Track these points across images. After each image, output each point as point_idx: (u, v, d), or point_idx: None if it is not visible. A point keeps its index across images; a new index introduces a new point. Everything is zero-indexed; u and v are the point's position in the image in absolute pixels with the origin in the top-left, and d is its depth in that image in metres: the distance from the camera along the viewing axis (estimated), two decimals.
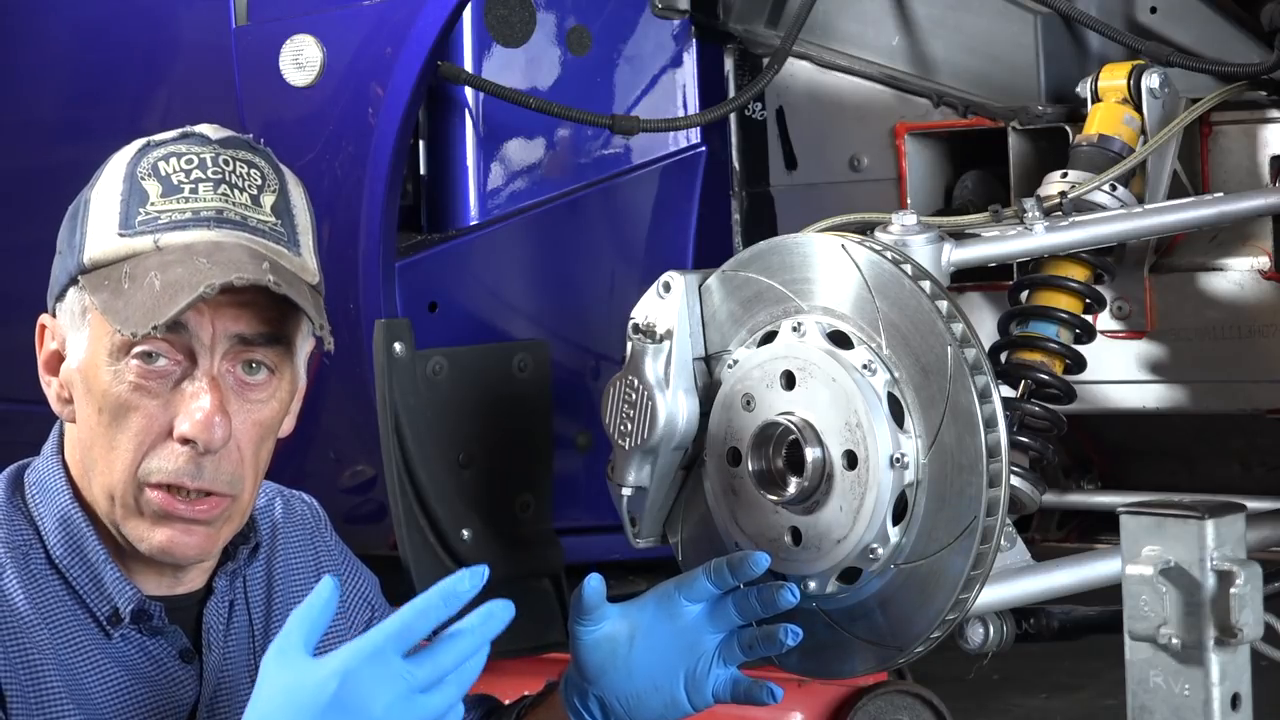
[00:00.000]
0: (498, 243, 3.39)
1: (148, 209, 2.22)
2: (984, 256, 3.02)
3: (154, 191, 2.22)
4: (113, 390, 2.20)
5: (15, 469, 2.34)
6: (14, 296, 3.74)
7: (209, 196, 2.22)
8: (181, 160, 2.24)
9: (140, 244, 2.21)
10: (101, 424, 2.21)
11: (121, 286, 2.19)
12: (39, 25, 3.76)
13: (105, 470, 2.22)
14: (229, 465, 2.23)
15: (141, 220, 2.21)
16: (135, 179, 2.23)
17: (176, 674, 2.29)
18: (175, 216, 2.21)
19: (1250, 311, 3.18)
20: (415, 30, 3.19)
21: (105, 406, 2.21)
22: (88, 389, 2.23)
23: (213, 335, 2.20)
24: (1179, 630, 2.26)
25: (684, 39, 3.56)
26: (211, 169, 2.24)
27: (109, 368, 2.20)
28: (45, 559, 2.26)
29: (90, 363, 2.22)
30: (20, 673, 2.18)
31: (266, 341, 2.23)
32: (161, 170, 2.23)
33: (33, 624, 2.21)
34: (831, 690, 3.72)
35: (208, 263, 2.17)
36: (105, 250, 2.23)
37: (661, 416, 2.90)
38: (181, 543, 2.23)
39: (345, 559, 2.53)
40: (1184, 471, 3.58)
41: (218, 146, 2.26)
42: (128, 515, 2.22)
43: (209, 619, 2.32)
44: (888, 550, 2.75)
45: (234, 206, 2.23)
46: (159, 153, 2.25)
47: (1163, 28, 3.26)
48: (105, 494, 2.23)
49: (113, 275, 2.20)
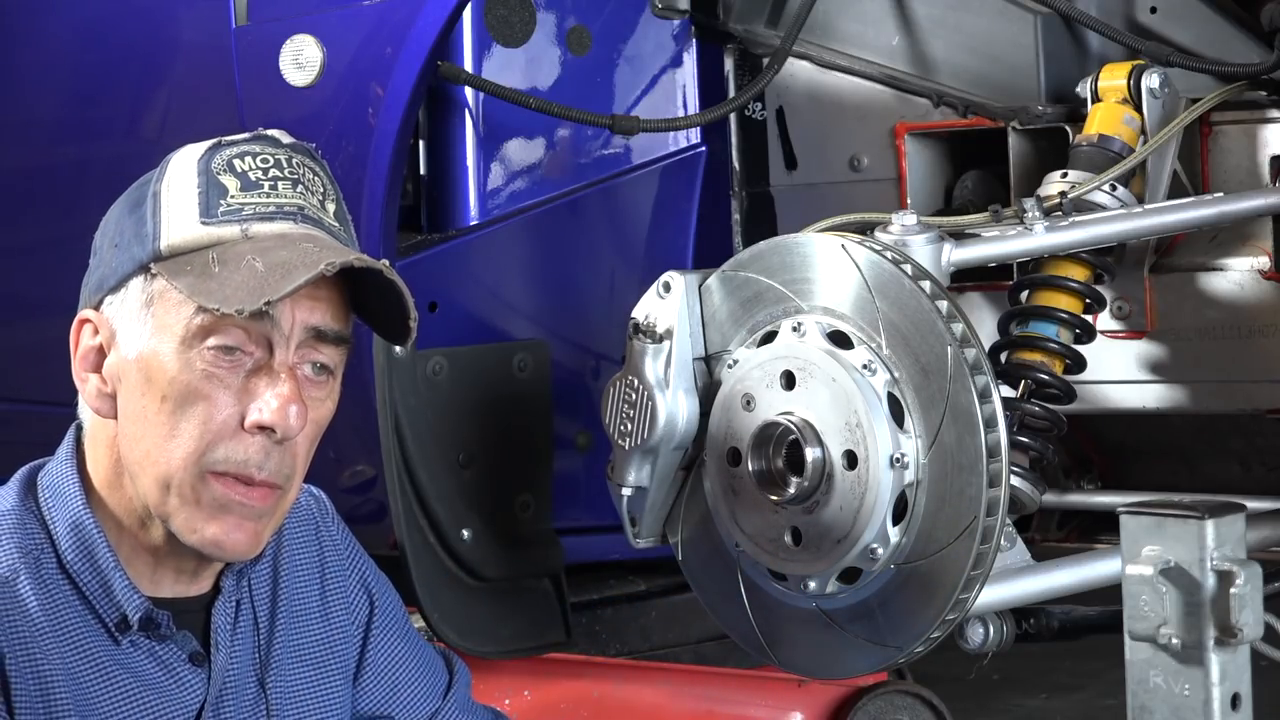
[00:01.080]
0: (498, 243, 3.39)
1: (229, 201, 2.23)
2: (984, 256, 3.02)
3: (233, 186, 2.23)
4: (182, 377, 2.20)
5: (28, 471, 2.33)
6: (14, 296, 3.74)
7: (289, 193, 2.25)
8: (257, 159, 2.25)
9: (227, 232, 2.22)
10: (163, 412, 2.21)
11: (211, 270, 2.19)
12: (39, 25, 3.76)
13: (161, 459, 2.21)
14: (289, 459, 2.24)
15: (225, 211, 2.23)
16: (211, 174, 2.24)
17: (185, 677, 2.29)
18: (260, 209, 2.23)
19: (1250, 311, 3.18)
20: (415, 30, 3.19)
21: (171, 394, 2.20)
22: (147, 378, 2.22)
23: (292, 325, 2.22)
24: (1179, 630, 2.26)
25: (684, 39, 3.56)
26: (288, 169, 2.26)
27: (180, 355, 2.20)
28: (57, 564, 2.25)
29: (155, 350, 2.21)
30: (30, 683, 2.18)
31: (336, 339, 2.25)
32: (238, 167, 2.24)
33: (44, 632, 2.21)
34: (831, 690, 3.72)
35: (313, 246, 2.19)
36: (187, 237, 2.22)
37: (661, 416, 2.90)
38: (234, 538, 2.23)
39: (350, 551, 2.53)
40: (1184, 471, 3.59)
41: (290, 150, 2.28)
42: (183, 505, 2.22)
43: (217, 620, 2.32)
44: (888, 550, 2.75)
45: (311, 206, 2.25)
46: (233, 150, 2.26)
47: (1163, 28, 3.26)
48: (159, 484, 2.22)
49: (196, 261, 2.20)
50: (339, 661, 2.44)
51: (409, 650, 2.53)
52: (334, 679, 2.43)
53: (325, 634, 2.44)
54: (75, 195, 3.55)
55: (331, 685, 2.42)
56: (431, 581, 3.26)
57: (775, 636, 2.93)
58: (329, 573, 2.46)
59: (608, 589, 3.73)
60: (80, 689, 2.21)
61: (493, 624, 3.35)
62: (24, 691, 2.18)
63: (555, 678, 3.56)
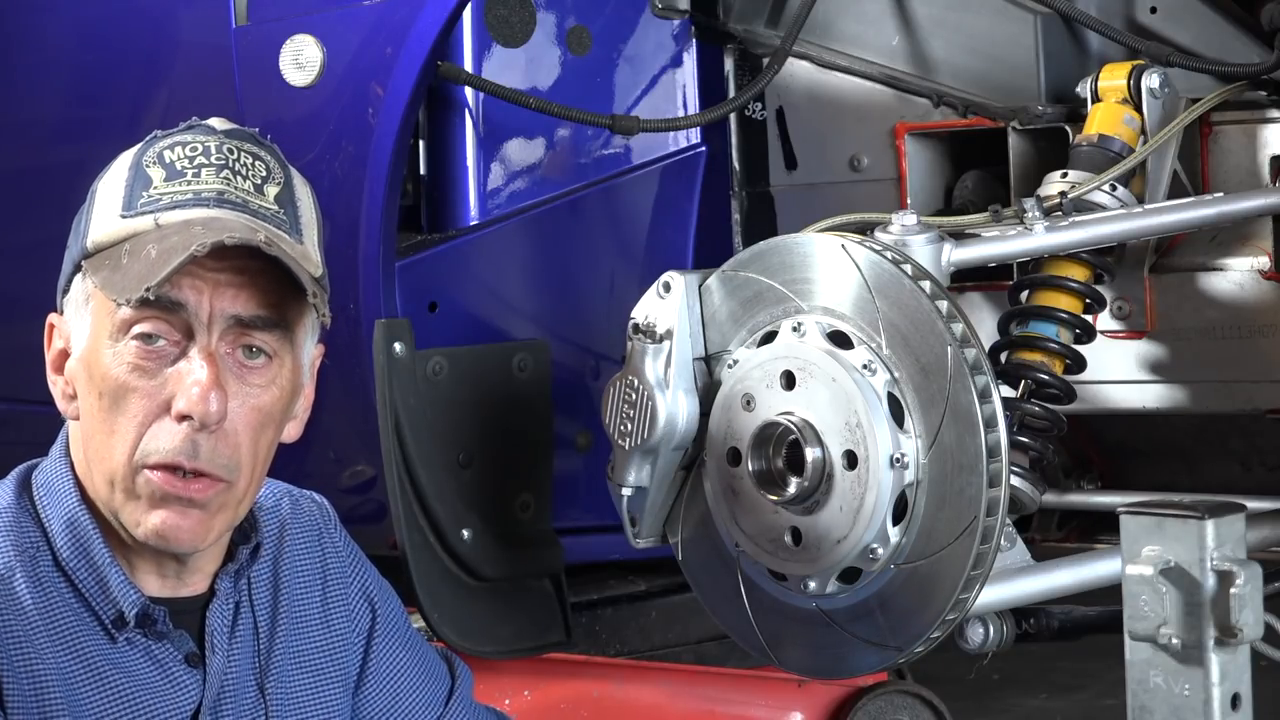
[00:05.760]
0: (498, 243, 3.39)
1: (150, 192, 2.24)
2: (984, 256, 3.02)
3: (157, 177, 2.25)
4: (112, 372, 2.21)
5: (23, 470, 2.34)
6: (14, 296, 3.74)
7: (211, 179, 2.24)
8: (186, 148, 2.26)
9: (140, 224, 2.23)
10: (101, 409, 2.22)
11: (121, 263, 2.21)
12: (39, 25, 3.76)
13: (105, 456, 2.22)
14: (226, 449, 2.23)
15: (144, 203, 2.24)
16: (140, 167, 2.26)
17: (181, 678, 2.29)
18: (176, 197, 2.23)
19: (1250, 311, 3.18)
20: (415, 30, 3.19)
21: (105, 390, 2.21)
22: (89, 376, 2.23)
23: (210, 313, 2.21)
24: (1179, 630, 2.26)
25: (684, 39, 3.56)
26: (215, 156, 2.26)
27: (109, 350, 2.21)
28: (53, 562, 2.26)
29: (91, 349, 2.23)
30: (24, 683, 2.18)
31: (265, 325, 2.24)
32: (166, 158, 2.26)
33: (38, 631, 2.21)
34: (831, 690, 3.72)
35: (203, 229, 2.19)
36: (107, 232, 2.24)
37: (661, 416, 2.90)
38: (175, 525, 2.22)
39: (352, 557, 2.53)
40: (1184, 471, 3.58)
41: (223, 136, 2.28)
42: (126, 500, 2.23)
43: (212, 622, 2.32)
44: (888, 550, 2.75)
45: (235, 190, 2.25)
46: (165, 142, 2.28)
47: (1163, 28, 3.26)
48: (106, 481, 2.23)
49: (113, 255, 2.22)
50: (339, 669, 2.44)
51: (411, 659, 2.53)
52: (334, 686, 2.43)
53: (326, 641, 2.43)
54: (75, 195, 3.54)
55: (331, 692, 2.42)
56: (431, 581, 3.26)
57: (775, 636, 2.93)
58: (331, 580, 2.46)
59: (608, 589, 3.73)
60: (74, 689, 2.21)
61: (493, 624, 3.35)
62: (17, 691, 2.18)
63: (555, 678, 3.56)
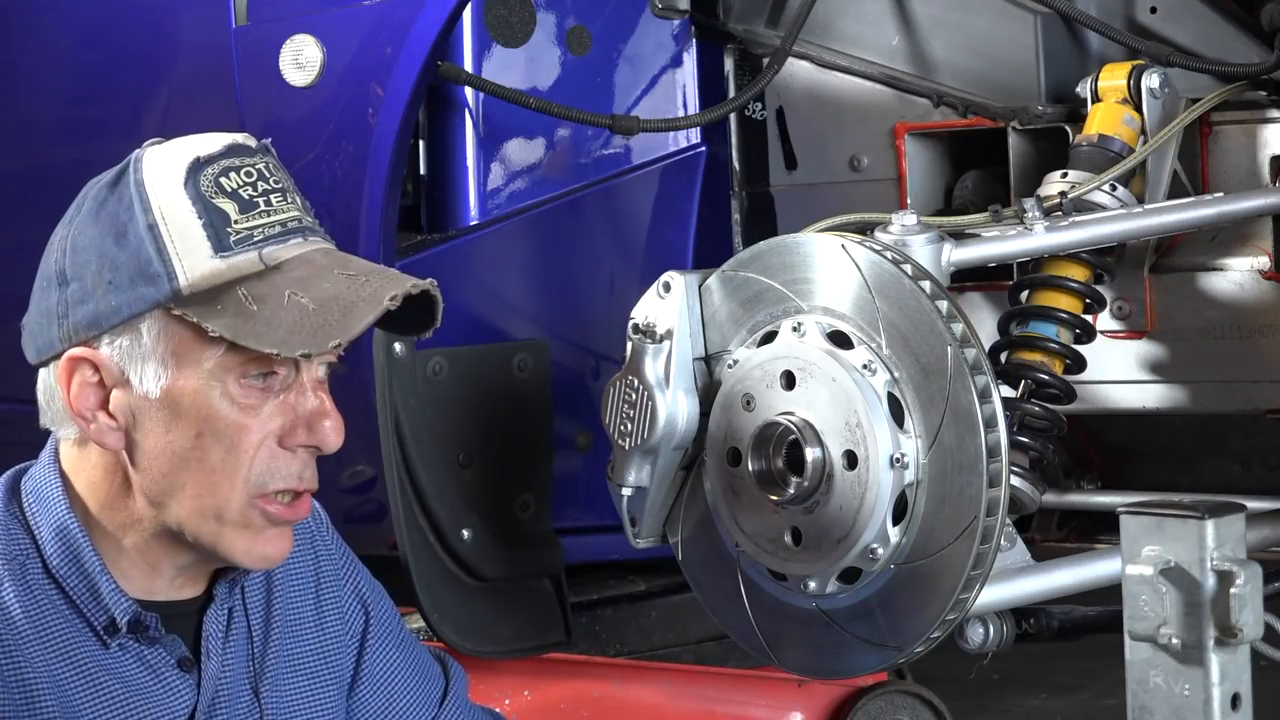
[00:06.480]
0: (498, 243, 3.39)
1: (235, 228, 2.22)
2: (984, 256, 3.02)
3: (231, 209, 2.22)
4: (220, 411, 2.21)
5: (11, 476, 2.32)
6: (14, 296, 3.74)
7: (283, 206, 2.25)
8: (240, 174, 2.24)
9: (243, 261, 2.21)
10: (200, 447, 2.21)
11: (247, 308, 2.19)
12: (39, 25, 3.76)
13: (205, 493, 2.22)
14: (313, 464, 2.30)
15: (236, 239, 2.21)
16: (206, 200, 2.22)
17: (174, 683, 2.28)
18: (267, 231, 2.23)
19: (1250, 311, 3.18)
20: (415, 30, 3.19)
21: (208, 429, 2.21)
22: (175, 414, 2.21)
23: None
24: (1179, 630, 2.26)
25: (684, 39, 3.56)
26: (272, 180, 2.26)
27: (213, 388, 2.21)
28: (42, 569, 2.25)
29: (183, 388, 2.21)
30: (15, 692, 2.18)
31: None
32: (226, 187, 2.23)
33: (29, 639, 2.20)
34: (831, 690, 3.72)
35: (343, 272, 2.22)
36: (205, 273, 2.20)
37: (661, 416, 2.90)
38: (285, 549, 2.29)
39: (345, 560, 2.53)
40: (1184, 471, 3.58)
41: (261, 154, 2.27)
42: (236, 531, 2.24)
43: (208, 627, 2.32)
44: (888, 550, 2.75)
45: (301, 213, 2.27)
46: (214, 169, 2.24)
47: (1163, 28, 3.26)
48: (207, 516, 2.23)
49: (227, 299, 2.20)
50: (333, 672, 2.44)
51: (405, 661, 2.53)
52: (328, 689, 2.43)
53: (320, 644, 2.44)
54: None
55: (326, 695, 2.42)
56: (431, 581, 3.26)
57: (775, 636, 2.93)
58: (324, 583, 2.47)
59: (608, 589, 3.73)
60: (66, 696, 2.20)
61: (493, 624, 3.35)
62: (8, 699, 2.17)
63: (555, 678, 3.56)
